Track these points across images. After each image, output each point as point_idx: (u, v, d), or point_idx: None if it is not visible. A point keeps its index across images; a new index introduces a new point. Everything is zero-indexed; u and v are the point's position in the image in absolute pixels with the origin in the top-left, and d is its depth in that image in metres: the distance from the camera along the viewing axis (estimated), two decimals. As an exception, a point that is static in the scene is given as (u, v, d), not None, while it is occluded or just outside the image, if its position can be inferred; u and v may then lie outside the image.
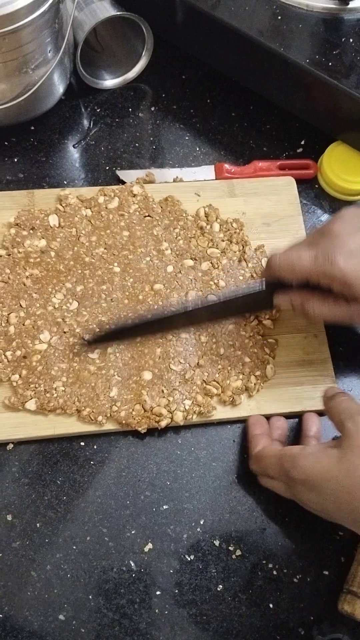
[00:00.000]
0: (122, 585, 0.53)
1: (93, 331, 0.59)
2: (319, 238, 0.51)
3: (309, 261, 0.50)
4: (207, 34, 0.67)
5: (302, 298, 0.53)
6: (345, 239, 0.49)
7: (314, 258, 0.50)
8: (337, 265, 0.48)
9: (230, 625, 0.52)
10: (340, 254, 0.49)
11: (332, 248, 0.49)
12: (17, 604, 0.51)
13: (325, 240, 0.50)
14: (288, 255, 0.52)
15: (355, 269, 0.48)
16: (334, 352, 0.62)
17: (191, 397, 0.57)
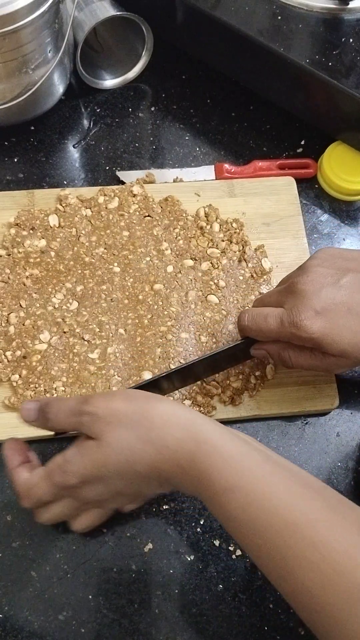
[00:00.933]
0: (122, 585, 0.53)
1: (93, 330, 0.58)
2: (286, 295, 0.50)
3: (276, 325, 0.50)
4: (207, 34, 0.67)
5: (279, 349, 0.52)
6: (310, 297, 0.48)
7: (280, 322, 0.49)
8: (303, 328, 0.48)
9: (230, 625, 0.52)
10: (305, 316, 0.48)
11: (297, 309, 0.48)
12: (17, 604, 0.51)
13: (291, 299, 0.49)
14: (255, 318, 0.51)
15: (321, 330, 0.48)
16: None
17: (191, 397, 0.57)
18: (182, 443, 0.42)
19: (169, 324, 0.60)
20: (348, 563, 0.37)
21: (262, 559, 0.40)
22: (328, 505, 0.40)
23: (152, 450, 0.43)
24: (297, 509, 0.39)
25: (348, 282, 0.49)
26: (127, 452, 0.43)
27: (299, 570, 0.38)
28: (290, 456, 0.58)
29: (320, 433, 0.59)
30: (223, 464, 0.41)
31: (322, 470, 0.58)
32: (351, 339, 0.48)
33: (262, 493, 0.40)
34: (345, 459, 0.58)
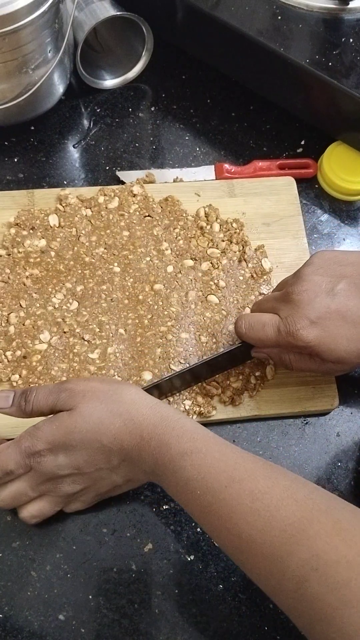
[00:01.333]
0: (122, 585, 0.53)
1: (92, 330, 0.58)
2: (282, 303, 0.51)
3: (273, 334, 0.51)
4: (207, 34, 0.67)
5: (279, 352, 0.53)
6: (305, 307, 0.49)
7: (277, 331, 0.50)
8: (300, 338, 0.49)
9: (230, 625, 0.52)
10: (301, 326, 0.49)
11: (292, 319, 0.49)
12: (17, 604, 0.51)
13: (287, 308, 0.50)
14: (253, 327, 0.52)
15: (317, 339, 0.49)
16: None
17: (191, 398, 0.57)
18: (147, 417, 0.47)
19: (169, 324, 0.60)
20: (282, 506, 0.41)
21: (210, 516, 0.44)
22: (268, 464, 0.45)
23: (119, 422, 0.47)
24: (242, 466, 0.44)
25: (342, 289, 0.49)
26: (95, 420, 0.47)
27: (241, 519, 0.41)
28: (290, 456, 0.58)
29: (320, 433, 0.59)
30: (181, 433, 0.46)
31: (322, 470, 0.58)
32: (347, 346, 0.49)
33: (212, 456, 0.44)
34: (345, 459, 0.58)
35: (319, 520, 0.40)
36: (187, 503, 0.46)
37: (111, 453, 0.47)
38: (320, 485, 0.56)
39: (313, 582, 0.38)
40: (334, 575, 0.37)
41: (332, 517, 0.40)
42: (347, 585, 0.37)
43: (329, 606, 0.37)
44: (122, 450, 0.47)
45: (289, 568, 0.39)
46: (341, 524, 0.39)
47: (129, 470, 0.49)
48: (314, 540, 0.39)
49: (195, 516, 0.46)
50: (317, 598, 0.37)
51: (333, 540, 0.38)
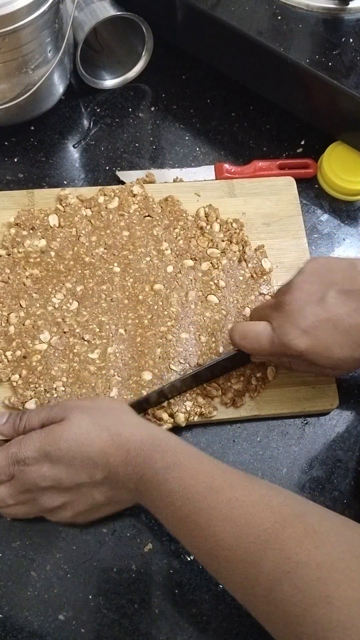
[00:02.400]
0: (122, 585, 0.53)
1: (93, 330, 0.58)
2: (275, 312, 0.52)
3: (267, 344, 0.51)
4: (207, 34, 0.67)
5: (278, 357, 0.55)
6: (296, 316, 0.49)
7: (271, 341, 0.51)
8: (292, 348, 0.49)
9: (230, 625, 0.52)
10: (292, 337, 0.49)
11: (284, 330, 0.50)
12: (17, 604, 0.51)
13: (279, 317, 0.51)
14: (247, 337, 0.53)
15: (309, 348, 0.49)
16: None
17: (192, 399, 0.57)
18: (134, 434, 0.48)
19: (169, 324, 0.60)
20: (257, 513, 0.42)
21: (189, 525, 0.44)
22: (246, 475, 0.46)
23: (106, 436, 0.48)
24: (220, 477, 0.45)
25: (332, 297, 0.49)
26: (83, 432, 0.48)
27: (219, 526, 0.42)
28: (290, 456, 0.58)
29: (320, 433, 0.59)
30: (166, 449, 0.47)
31: (322, 470, 0.58)
32: (340, 354, 0.49)
33: (192, 467, 0.46)
34: (345, 459, 0.58)
35: (292, 524, 0.41)
36: (167, 516, 0.46)
37: (95, 467, 0.48)
38: (320, 486, 0.57)
39: (285, 585, 0.38)
40: (303, 576, 0.38)
41: (303, 521, 0.41)
42: (316, 585, 0.37)
43: (299, 607, 0.37)
44: (108, 464, 0.47)
45: (262, 572, 0.40)
46: (312, 526, 0.40)
47: (112, 487, 0.49)
48: (286, 543, 0.40)
49: (176, 528, 0.46)
50: (288, 600, 0.38)
51: (304, 543, 0.39)
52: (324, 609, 0.36)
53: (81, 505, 0.50)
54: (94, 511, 0.51)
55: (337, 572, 0.37)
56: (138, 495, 0.48)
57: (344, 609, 0.36)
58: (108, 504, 0.50)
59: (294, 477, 0.57)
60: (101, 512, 0.51)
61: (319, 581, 0.37)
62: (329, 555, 0.38)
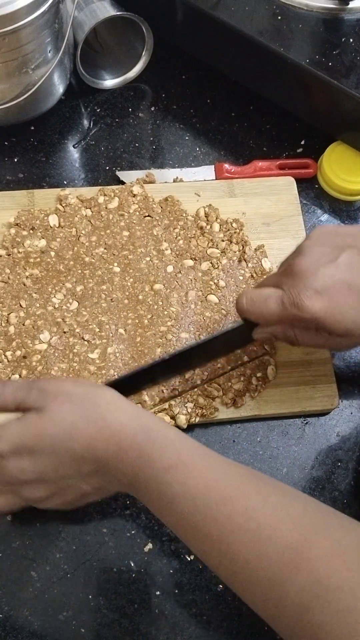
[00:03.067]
0: (122, 585, 0.53)
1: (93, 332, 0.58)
2: (284, 277, 0.48)
3: (277, 308, 0.48)
4: (207, 34, 0.67)
5: (284, 329, 0.50)
6: (309, 277, 0.47)
7: (281, 304, 0.47)
8: (305, 309, 0.46)
9: (230, 625, 0.52)
10: (305, 297, 0.46)
11: (296, 291, 0.47)
12: (17, 604, 0.51)
13: (290, 280, 0.48)
14: (255, 302, 0.49)
15: (324, 309, 0.46)
16: (334, 353, 0.62)
17: (193, 400, 0.57)
18: (125, 425, 0.43)
19: (169, 324, 0.60)
20: (278, 525, 0.38)
21: (200, 536, 0.41)
22: (256, 475, 0.42)
23: (93, 429, 0.43)
24: (233, 483, 0.41)
25: (346, 258, 0.47)
26: (67, 425, 0.43)
27: (235, 540, 0.39)
28: (290, 456, 0.58)
29: (320, 433, 0.59)
30: (165, 445, 0.43)
31: (322, 470, 0.58)
32: (355, 317, 0.47)
33: (200, 470, 0.41)
34: (345, 459, 0.58)
35: (317, 541, 0.38)
36: (171, 521, 0.43)
37: (83, 461, 0.44)
38: (320, 486, 0.57)
39: (316, 611, 0.35)
40: (337, 602, 0.35)
41: (329, 537, 0.38)
42: (351, 613, 0.35)
43: (334, 636, 0.35)
44: (96, 459, 0.43)
45: (288, 594, 0.37)
46: (340, 543, 0.38)
47: (101, 480, 0.45)
48: (314, 563, 0.37)
49: (182, 536, 0.43)
50: (321, 627, 0.35)
51: (334, 564, 0.36)
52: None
53: (68, 495, 0.46)
54: (82, 499, 0.47)
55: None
56: (133, 490, 0.44)
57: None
58: (96, 493, 0.47)
59: (294, 477, 0.57)
60: (89, 500, 0.48)
61: (354, 609, 0.34)
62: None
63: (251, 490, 0.41)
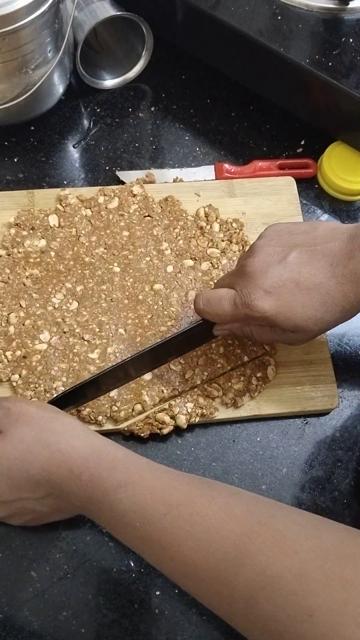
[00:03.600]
0: (122, 585, 0.53)
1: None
2: (237, 277, 0.51)
3: (230, 308, 0.50)
4: (207, 34, 0.67)
5: (241, 326, 0.53)
6: (258, 277, 0.49)
7: (234, 304, 0.50)
8: (256, 309, 0.48)
9: (230, 625, 0.52)
10: (255, 297, 0.48)
11: (247, 291, 0.49)
12: (17, 604, 0.51)
13: (242, 280, 0.50)
14: (210, 302, 0.52)
15: (273, 308, 0.48)
16: (334, 352, 0.62)
17: (193, 400, 0.57)
18: (77, 450, 0.45)
19: (169, 324, 0.60)
20: (221, 526, 0.40)
21: (152, 547, 0.42)
22: (204, 482, 0.44)
23: (46, 453, 0.45)
24: (177, 490, 0.43)
25: (294, 257, 0.49)
26: (23, 449, 0.46)
27: (183, 546, 0.40)
28: (290, 456, 0.58)
29: (320, 433, 0.59)
30: (114, 465, 0.44)
31: (322, 470, 0.58)
32: (303, 314, 0.49)
33: (147, 484, 0.43)
34: (345, 459, 0.58)
35: (259, 534, 0.39)
36: (125, 536, 0.44)
37: (38, 484, 0.46)
38: (320, 486, 0.57)
39: (262, 601, 0.37)
40: (280, 590, 0.36)
41: (271, 528, 0.39)
42: (295, 598, 0.36)
43: (280, 624, 0.36)
44: (50, 482, 0.45)
45: (237, 590, 0.38)
46: (281, 533, 0.39)
47: (56, 503, 0.47)
48: (257, 556, 0.38)
49: (137, 549, 0.44)
50: (267, 617, 0.36)
51: (275, 553, 0.38)
52: (305, 623, 0.35)
53: (26, 516, 0.49)
54: (43, 518, 0.50)
55: (313, 581, 0.36)
56: (87, 512, 0.46)
57: (326, 621, 0.34)
58: (56, 514, 0.50)
59: (294, 477, 0.57)
60: (52, 518, 0.50)
61: (297, 594, 0.36)
62: (303, 564, 0.37)
63: (196, 496, 0.42)
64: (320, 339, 0.61)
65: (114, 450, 0.46)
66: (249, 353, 0.59)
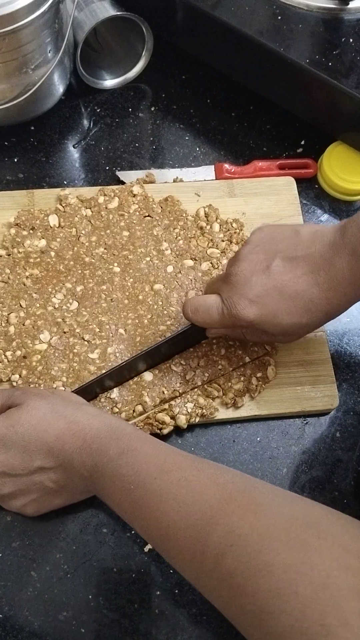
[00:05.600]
0: (122, 585, 0.53)
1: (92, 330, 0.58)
2: (224, 285, 0.52)
3: (217, 317, 0.52)
4: (207, 34, 0.67)
5: (231, 329, 0.55)
6: (244, 287, 0.50)
7: (221, 313, 0.51)
8: (241, 317, 0.50)
9: (230, 625, 0.52)
10: (240, 307, 0.50)
11: (232, 301, 0.50)
12: (17, 604, 0.51)
13: (227, 289, 0.51)
14: (199, 310, 0.53)
15: (258, 316, 0.50)
16: (334, 352, 0.62)
17: (193, 400, 0.57)
18: (91, 422, 0.48)
19: (169, 324, 0.60)
20: (204, 491, 0.43)
21: (141, 510, 0.44)
22: (198, 458, 0.47)
23: (63, 423, 0.48)
24: (171, 459, 0.46)
25: (277, 266, 0.50)
26: (40, 417, 0.49)
27: (168, 508, 0.43)
28: (290, 456, 0.58)
29: (320, 433, 0.59)
30: (121, 435, 0.48)
31: (322, 470, 0.58)
32: (288, 320, 0.50)
33: (145, 452, 0.46)
34: (345, 459, 0.58)
35: (236, 499, 0.41)
36: (120, 501, 0.46)
37: (50, 453, 0.48)
38: (320, 486, 0.57)
39: (229, 558, 0.39)
40: (246, 547, 0.38)
41: (248, 495, 0.42)
42: (258, 555, 0.38)
43: (242, 578, 0.38)
44: (63, 452, 0.48)
45: (208, 547, 0.40)
46: (256, 500, 0.41)
47: (65, 475, 0.49)
48: (230, 517, 0.40)
49: (127, 513, 0.46)
50: (232, 572, 0.38)
51: (246, 515, 0.40)
52: (264, 577, 0.37)
53: (32, 492, 0.50)
54: (45, 501, 0.51)
55: (276, 541, 0.38)
56: (91, 483, 0.48)
57: (283, 576, 0.36)
58: (60, 493, 0.51)
59: (294, 477, 0.57)
60: (53, 503, 0.51)
61: (260, 552, 0.38)
62: (270, 526, 0.39)
63: (187, 465, 0.45)
64: (320, 339, 0.61)
65: (124, 425, 0.49)
66: (251, 354, 0.59)
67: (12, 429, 0.48)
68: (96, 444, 0.47)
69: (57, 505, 0.52)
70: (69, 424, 0.48)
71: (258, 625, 0.37)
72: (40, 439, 0.48)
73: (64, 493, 0.51)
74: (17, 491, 0.50)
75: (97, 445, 0.47)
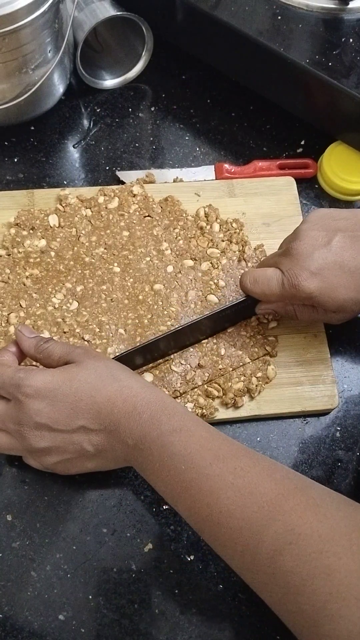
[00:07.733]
0: (122, 585, 0.53)
1: (93, 330, 0.58)
2: (284, 258, 0.54)
3: (277, 288, 0.54)
4: (207, 34, 0.67)
5: (284, 305, 0.57)
6: (305, 260, 0.52)
7: (281, 284, 0.53)
8: (302, 289, 0.52)
9: (230, 626, 0.52)
10: (302, 278, 0.52)
11: (294, 272, 0.52)
12: (17, 604, 0.51)
13: (288, 262, 0.53)
14: (258, 281, 0.55)
15: (318, 289, 0.52)
16: (334, 352, 0.62)
17: (193, 400, 0.57)
18: (143, 392, 0.48)
19: (169, 324, 0.60)
20: (261, 483, 0.43)
21: (191, 491, 0.44)
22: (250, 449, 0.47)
23: (116, 386, 0.48)
24: (226, 446, 0.46)
25: (338, 241, 0.52)
26: (95, 376, 0.48)
27: (223, 494, 0.43)
28: (290, 456, 0.58)
29: (320, 433, 0.59)
30: (174, 412, 0.47)
31: (322, 470, 0.58)
32: (346, 295, 0.52)
33: (200, 434, 0.46)
34: (346, 459, 0.58)
35: (294, 497, 0.41)
36: (166, 480, 0.46)
37: (98, 414, 0.47)
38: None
39: (286, 555, 0.39)
40: (306, 548, 0.38)
41: (306, 494, 0.42)
42: (317, 557, 0.38)
43: (299, 578, 0.38)
44: (111, 415, 0.47)
45: (264, 542, 0.40)
46: (314, 500, 0.41)
47: (107, 439, 0.48)
48: (289, 515, 0.40)
49: (174, 492, 0.46)
50: (289, 570, 0.38)
51: (306, 515, 0.40)
52: (323, 580, 0.37)
53: (68, 452, 0.49)
54: (78, 463, 0.50)
55: (338, 544, 0.38)
56: (134, 454, 0.47)
57: (344, 581, 0.36)
58: (95, 457, 0.50)
59: (294, 477, 0.57)
60: (85, 466, 0.50)
61: (320, 553, 0.38)
62: (331, 529, 0.39)
63: (242, 454, 0.45)
64: (320, 339, 0.61)
65: (175, 404, 0.49)
66: (251, 354, 0.59)
67: (68, 383, 0.48)
68: (147, 414, 0.47)
69: (88, 469, 0.51)
70: (122, 387, 0.48)
71: (313, 627, 0.37)
72: (92, 397, 0.47)
73: (99, 458, 0.50)
74: (53, 447, 0.49)
75: (147, 415, 0.47)
